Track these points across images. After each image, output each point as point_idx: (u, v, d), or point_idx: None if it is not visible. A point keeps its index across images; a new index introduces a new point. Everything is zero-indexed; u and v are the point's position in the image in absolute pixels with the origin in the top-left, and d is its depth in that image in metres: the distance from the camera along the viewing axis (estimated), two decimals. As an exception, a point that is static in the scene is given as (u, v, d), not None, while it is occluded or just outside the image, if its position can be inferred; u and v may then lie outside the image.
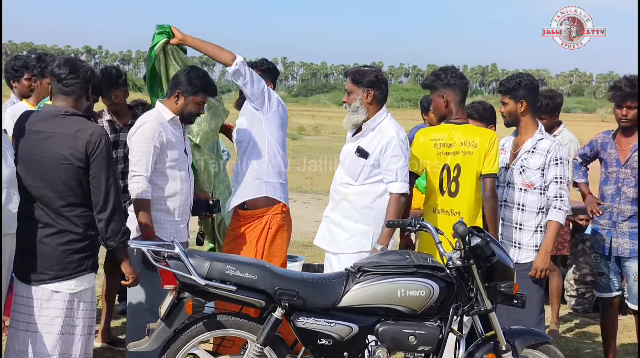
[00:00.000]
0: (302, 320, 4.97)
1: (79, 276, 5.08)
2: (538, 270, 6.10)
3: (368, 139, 6.10)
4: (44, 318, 5.01)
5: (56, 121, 5.01)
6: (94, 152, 4.94)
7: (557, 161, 6.14)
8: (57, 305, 5.03)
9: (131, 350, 5.08)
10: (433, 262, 5.17)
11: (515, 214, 6.24)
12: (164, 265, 4.95)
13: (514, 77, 6.30)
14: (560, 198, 6.13)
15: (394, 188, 6.00)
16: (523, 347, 5.30)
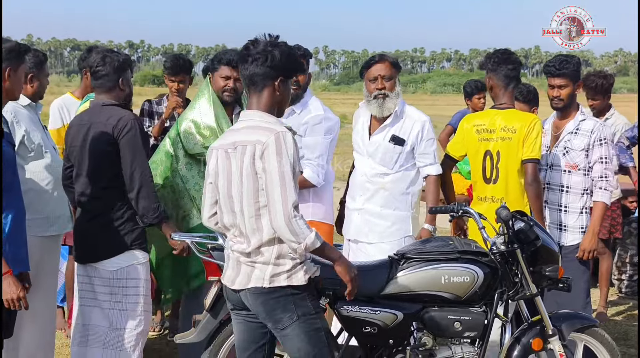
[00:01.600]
0: (347, 308, 4.97)
1: (120, 254, 5.25)
2: (586, 251, 6.03)
3: (399, 126, 6.08)
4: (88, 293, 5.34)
5: (95, 112, 5.28)
6: (119, 135, 5.15)
7: (602, 141, 6.04)
8: (103, 282, 5.27)
9: (177, 341, 5.13)
10: (476, 248, 5.14)
11: (560, 196, 6.17)
12: (208, 256, 4.98)
13: (568, 59, 6.11)
14: (606, 178, 6.05)
15: (433, 170, 6.09)
16: (570, 330, 5.26)
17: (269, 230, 4.20)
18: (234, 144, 4.27)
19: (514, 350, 5.17)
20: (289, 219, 4.08)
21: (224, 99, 6.05)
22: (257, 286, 4.26)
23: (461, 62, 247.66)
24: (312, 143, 6.04)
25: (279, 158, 4.09)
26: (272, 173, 4.09)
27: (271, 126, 4.20)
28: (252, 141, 4.17)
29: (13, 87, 4.59)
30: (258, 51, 4.28)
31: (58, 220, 5.63)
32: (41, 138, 5.56)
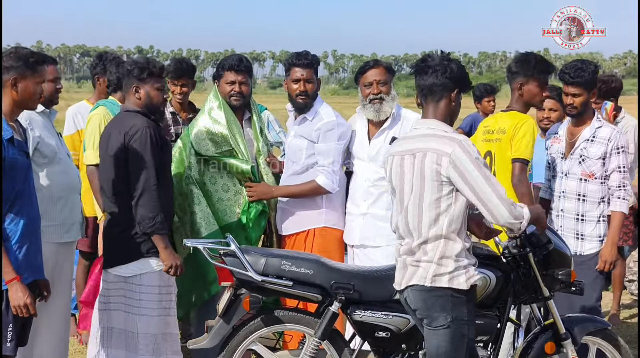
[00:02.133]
0: (359, 313, 4.99)
1: (135, 261, 5.34)
2: (607, 262, 5.91)
3: (397, 128, 6.13)
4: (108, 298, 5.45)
5: (116, 119, 5.47)
6: (129, 141, 5.22)
7: (619, 149, 5.93)
8: (119, 286, 5.40)
9: (190, 347, 5.14)
10: (489, 252, 5.14)
11: (576, 205, 6.05)
12: (220, 262, 5.00)
13: (584, 67, 6.01)
14: (624, 187, 5.94)
15: None
16: (583, 334, 5.26)
17: (437, 228, 4.43)
18: (411, 151, 4.52)
19: (527, 354, 5.16)
20: (509, 207, 4.39)
21: (232, 104, 6.10)
22: (419, 284, 4.49)
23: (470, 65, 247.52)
24: (325, 149, 6.06)
25: (473, 163, 4.36)
26: (475, 178, 4.37)
27: (449, 135, 4.47)
28: (432, 148, 4.44)
29: (24, 98, 4.54)
30: (437, 63, 4.59)
31: (72, 227, 5.67)
32: (55, 144, 5.58)
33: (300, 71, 6.15)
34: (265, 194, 6.08)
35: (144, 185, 5.21)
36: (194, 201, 5.96)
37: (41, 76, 4.65)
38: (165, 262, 5.29)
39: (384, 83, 6.11)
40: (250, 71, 6.31)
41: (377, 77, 6.12)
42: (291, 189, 6.13)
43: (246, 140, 6.11)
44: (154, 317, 5.38)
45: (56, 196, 5.51)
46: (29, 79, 4.57)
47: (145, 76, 5.41)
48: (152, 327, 5.38)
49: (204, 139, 5.98)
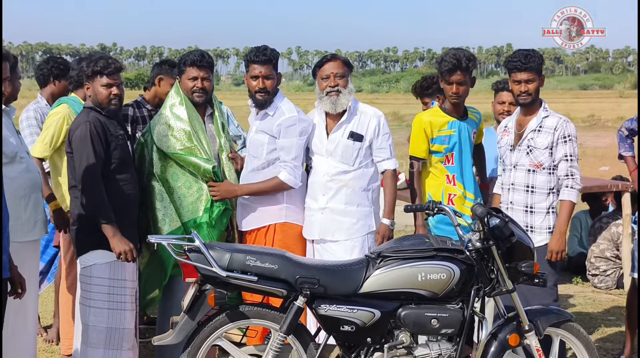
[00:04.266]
0: (324, 307, 5.00)
1: (86, 253, 5.48)
2: (554, 252, 5.89)
3: (355, 122, 6.17)
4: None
5: None
6: (71, 137, 5.43)
7: (566, 138, 5.91)
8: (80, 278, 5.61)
9: (155, 343, 5.12)
10: (452, 245, 5.17)
11: (525, 196, 6.04)
12: (184, 258, 4.98)
13: (531, 53, 6.01)
14: (572, 176, 5.93)
15: (390, 164, 6.23)
16: (546, 325, 5.30)
17: None
18: None
19: (491, 346, 5.19)
20: None
21: (194, 100, 6.07)
22: None
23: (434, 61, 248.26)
24: (287, 145, 6.06)
25: None
26: None
27: None
28: None
29: None
30: None
31: (36, 225, 5.61)
32: (15, 143, 5.52)
33: (259, 67, 6.13)
34: (229, 193, 6.06)
35: (85, 178, 5.33)
36: (156, 198, 5.93)
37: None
38: (115, 249, 5.33)
39: (341, 76, 6.14)
40: (212, 66, 6.28)
41: (335, 70, 6.15)
42: (254, 187, 6.12)
43: (208, 136, 6.08)
44: (103, 309, 5.43)
45: (19, 195, 5.46)
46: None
47: (90, 73, 5.48)
48: (102, 320, 5.42)
49: (165, 135, 5.94)
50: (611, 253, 9.23)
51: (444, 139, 6.35)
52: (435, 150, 6.39)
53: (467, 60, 6.24)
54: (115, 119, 5.64)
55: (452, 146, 6.35)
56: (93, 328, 5.43)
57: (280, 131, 6.06)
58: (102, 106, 5.53)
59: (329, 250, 6.12)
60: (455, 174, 6.37)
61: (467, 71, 6.29)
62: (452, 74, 6.25)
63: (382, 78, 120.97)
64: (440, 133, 6.35)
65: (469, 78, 6.33)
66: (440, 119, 6.39)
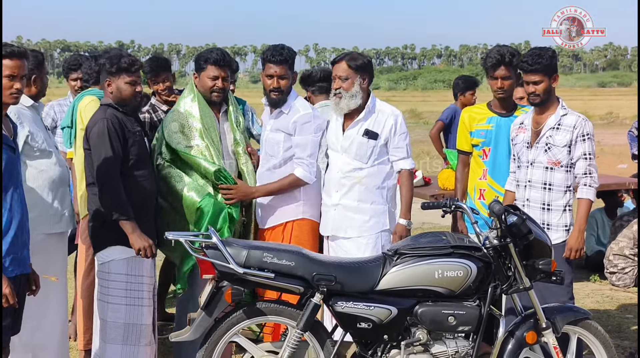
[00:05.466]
0: (341, 304, 5.00)
1: (105, 249, 5.46)
2: (573, 250, 5.87)
3: (372, 121, 6.13)
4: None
5: None
6: (89, 134, 5.39)
7: (585, 136, 5.88)
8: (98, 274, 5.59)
9: (173, 340, 5.14)
10: (470, 242, 5.17)
11: (542, 194, 6.01)
12: (202, 254, 4.99)
13: (542, 53, 5.95)
14: (590, 174, 5.90)
15: (406, 164, 6.18)
16: (564, 323, 5.29)
17: None
18: None
19: (508, 344, 5.19)
20: None
21: (212, 99, 6.07)
22: None
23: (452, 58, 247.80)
24: (302, 142, 6.07)
25: None
26: None
27: None
28: None
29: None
30: None
31: (62, 218, 5.70)
32: (44, 137, 5.60)
33: (274, 67, 6.12)
34: (247, 196, 6.06)
35: (104, 175, 5.32)
36: (176, 180, 5.90)
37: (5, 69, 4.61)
38: (135, 245, 5.33)
39: (345, 79, 6.09)
40: (231, 66, 6.34)
41: (338, 73, 6.13)
42: (271, 187, 6.11)
43: (222, 133, 6.11)
44: (121, 305, 5.44)
45: (47, 188, 5.55)
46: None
47: (114, 70, 5.47)
48: (120, 316, 5.43)
49: (175, 132, 5.93)
50: (630, 251, 9.18)
51: (481, 133, 6.42)
52: (474, 143, 6.48)
53: (510, 55, 6.27)
54: (133, 116, 5.65)
55: (488, 140, 6.40)
56: (111, 324, 5.44)
57: (295, 128, 6.07)
58: (125, 103, 5.54)
59: (342, 247, 6.13)
60: (488, 168, 6.39)
61: (511, 66, 6.28)
62: (496, 69, 6.29)
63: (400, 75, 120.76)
64: (478, 127, 6.44)
65: (513, 73, 6.32)
66: (480, 114, 6.49)
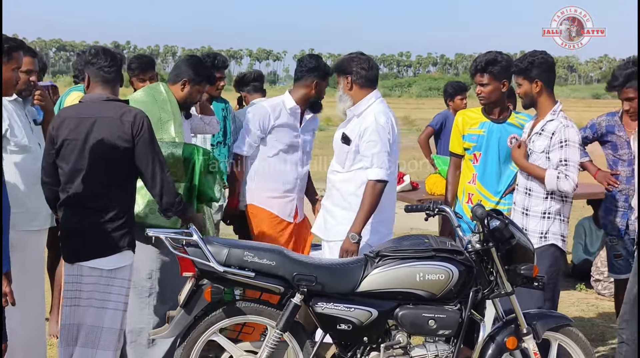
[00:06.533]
0: (321, 305, 4.98)
1: (117, 253, 5.13)
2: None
3: (352, 125, 6.05)
4: (84, 293, 5.11)
5: (98, 106, 5.11)
6: (138, 132, 5.05)
7: (563, 143, 5.76)
8: (95, 280, 5.10)
9: (151, 337, 5.12)
10: (452, 246, 5.15)
11: (523, 198, 5.97)
12: (182, 252, 4.97)
13: (527, 56, 5.97)
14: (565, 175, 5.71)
15: (369, 174, 5.85)
16: (544, 329, 5.27)
17: None
18: None
19: (489, 349, 5.17)
20: None
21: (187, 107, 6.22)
22: None
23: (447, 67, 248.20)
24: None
25: None
26: None
27: None
28: None
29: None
30: None
31: (39, 215, 5.62)
32: (25, 133, 5.54)
33: None
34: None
35: (161, 175, 5.12)
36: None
37: (17, 62, 4.61)
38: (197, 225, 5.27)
39: (337, 83, 6.24)
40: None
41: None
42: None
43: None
44: (120, 311, 5.26)
45: (25, 184, 5.49)
46: (5, 65, 4.54)
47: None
48: (117, 322, 5.29)
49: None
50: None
51: (473, 138, 6.37)
52: (466, 147, 6.44)
53: (486, 63, 6.20)
54: None
55: (479, 145, 6.35)
56: (108, 331, 5.19)
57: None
58: None
59: (323, 248, 6.24)
60: (477, 173, 6.35)
61: (488, 73, 6.21)
62: (474, 76, 6.31)
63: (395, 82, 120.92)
64: (470, 131, 6.39)
65: (493, 81, 6.22)
66: (473, 118, 6.43)
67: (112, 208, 5.08)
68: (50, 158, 5.12)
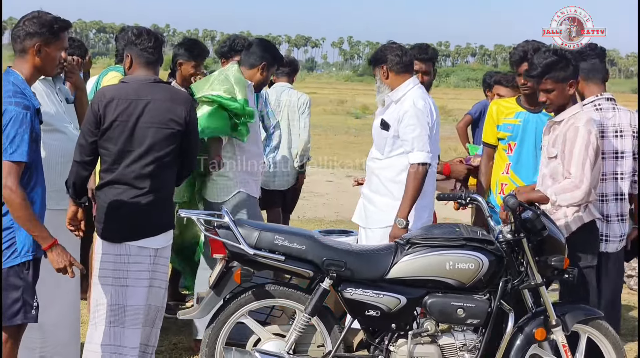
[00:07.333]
0: (350, 290, 4.99)
1: (164, 233, 5.21)
2: None
3: (390, 111, 6.04)
4: (133, 273, 5.12)
5: (148, 88, 5.13)
6: (190, 116, 5.16)
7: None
8: (144, 260, 5.13)
9: (180, 318, 5.15)
10: (483, 235, 5.14)
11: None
12: (213, 233, 4.99)
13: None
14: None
15: (411, 157, 5.82)
16: (574, 322, 5.25)
17: None
18: None
19: (517, 339, 5.16)
20: None
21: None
22: None
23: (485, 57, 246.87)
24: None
25: None
26: None
27: None
28: None
29: (44, 64, 4.54)
30: None
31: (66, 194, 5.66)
32: (55, 112, 5.55)
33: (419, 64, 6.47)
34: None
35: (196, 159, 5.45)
36: None
37: (63, 42, 4.65)
38: None
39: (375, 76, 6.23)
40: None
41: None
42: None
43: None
44: (163, 289, 5.34)
45: (56, 163, 5.50)
46: (52, 45, 4.55)
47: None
48: (162, 300, 5.36)
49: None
50: (649, 255, 9.09)
51: (508, 127, 6.32)
52: (500, 137, 6.38)
53: (534, 51, 6.11)
54: None
55: (515, 135, 6.31)
56: (155, 309, 5.29)
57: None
58: None
59: (361, 235, 6.20)
60: (511, 163, 6.31)
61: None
62: (520, 65, 6.22)
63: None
64: (505, 121, 6.35)
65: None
66: (508, 108, 6.38)
67: (162, 188, 5.15)
68: (91, 138, 5.10)
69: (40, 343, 5.41)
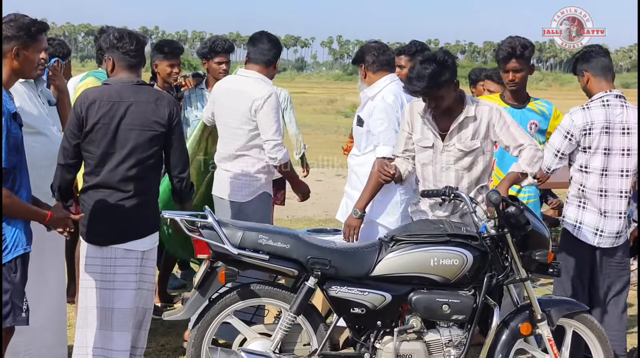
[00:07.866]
0: (335, 289, 4.99)
1: (150, 235, 5.23)
2: None
3: (366, 108, 6.13)
4: (120, 276, 5.15)
5: (131, 90, 5.13)
6: (175, 118, 5.17)
7: None
8: (131, 262, 5.16)
9: (165, 318, 5.14)
10: (467, 231, 5.14)
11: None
12: (197, 234, 4.99)
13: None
14: None
15: (377, 151, 5.89)
16: (559, 316, 5.26)
17: None
18: None
19: (502, 334, 5.17)
20: None
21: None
22: None
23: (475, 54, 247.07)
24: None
25: None
26: None
27: None
28: None
29: (22, 67, 4.54)
30: None
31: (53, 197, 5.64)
32: (37, 114, 5.53)
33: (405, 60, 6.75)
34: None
35: (186, 160, 5.34)
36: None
37: (41, 44, 4.63)
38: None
39: None
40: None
41: None
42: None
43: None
44: (151, 292, 5.39)
45: (37, 165, 5.47)
46: (31, 48, 4.54)
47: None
48: (150, 302, 5.39)
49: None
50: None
51: None
52: None
53: (522, 48, 6.18)
54: None
55: None
56: (142, 311, 5.34)
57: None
58: None
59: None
60: (496, 159, 6.31)
61: (523, 59, 6.22)
62: (508, 62, 6.23)
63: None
64: None
65: (525, 66, 6.25)
66: None
67: (147, 190, 5.18)
68: (74, 140, 5.11)
69: (24, 346, 5.38)
